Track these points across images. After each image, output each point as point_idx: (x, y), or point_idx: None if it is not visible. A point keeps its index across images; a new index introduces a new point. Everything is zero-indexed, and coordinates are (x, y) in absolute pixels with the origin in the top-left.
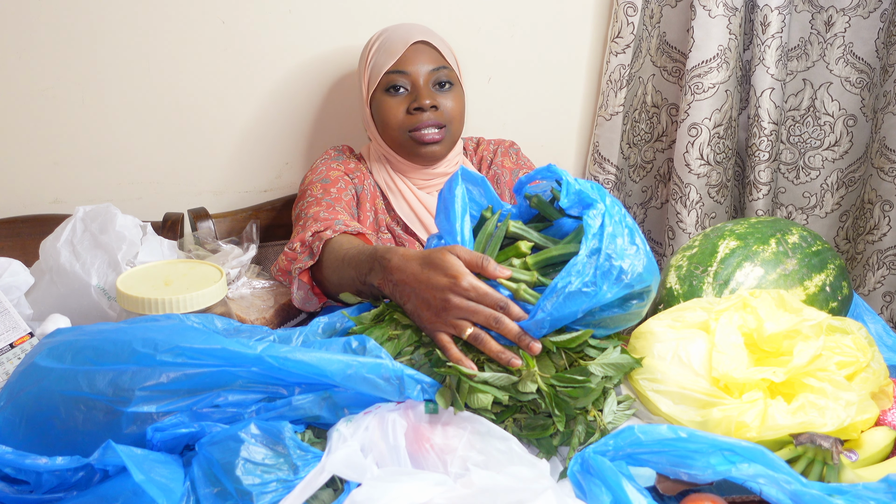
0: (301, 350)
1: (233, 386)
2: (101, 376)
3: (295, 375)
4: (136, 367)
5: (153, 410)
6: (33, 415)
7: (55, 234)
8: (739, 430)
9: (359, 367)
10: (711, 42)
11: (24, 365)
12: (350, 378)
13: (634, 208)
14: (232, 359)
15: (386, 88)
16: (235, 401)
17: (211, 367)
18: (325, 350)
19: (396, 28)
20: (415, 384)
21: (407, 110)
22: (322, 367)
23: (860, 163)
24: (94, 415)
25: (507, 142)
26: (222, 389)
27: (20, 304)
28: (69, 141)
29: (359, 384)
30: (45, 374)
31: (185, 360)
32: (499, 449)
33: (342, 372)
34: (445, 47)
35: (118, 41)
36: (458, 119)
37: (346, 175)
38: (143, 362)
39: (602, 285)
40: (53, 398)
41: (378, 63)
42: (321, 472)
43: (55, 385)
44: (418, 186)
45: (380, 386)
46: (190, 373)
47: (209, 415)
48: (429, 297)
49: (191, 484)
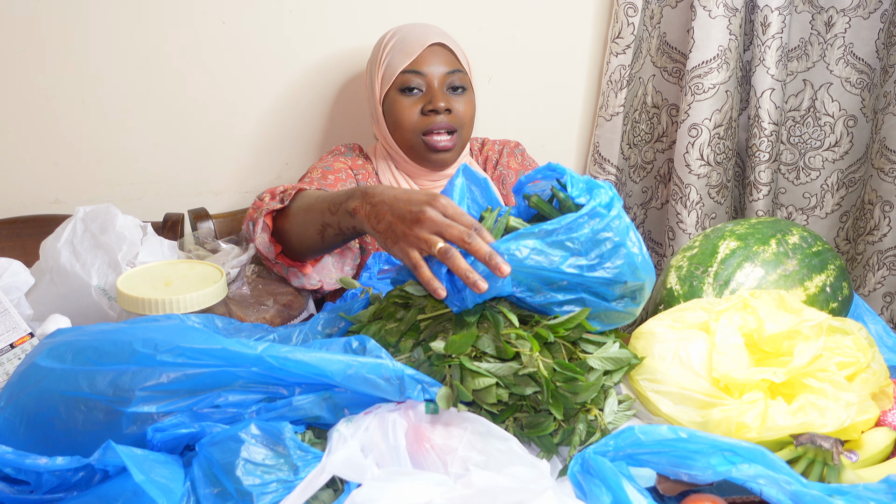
0: (301, 350)
1: (233, 386)
2: (101, 376)
3: (295, 375)
4: (137, 368)
5: (153, 411)
6: (34, 415)
7: (55, 234)
8: (740, 431)
9: (359, 367)
10: (712, 42)
11: (24, 365)
12: (350, 378)
13: (635, 209)
14: (232, 359)
15: (400, 88)
16: (236, 401)
17: (211, 367)
18: (326, 350)
19: (412, 28)
20: (415, 384)
21: (421, 111)
22: (322, 368)
23: (860, 163)
24: (94, 415)
25: (512, 142)
26: (222, 389)
27: (20, 304)
28: (69, 141)
29: (359, 384)
30: (46, 374)
31: (186, 360)
32: (499, 449)
33: (342, 372)
34: (460, 51)
35: (118, 41)
36: (469, 123)
37: (350, 169)
38: (144, 362)
39: (591, 252)
40: (54, 398)
41: (393, 62)
42: (321, 472)
43: (55, 385)
44: (423, 188)
45: (380, 386)
46: (190, 373)
47: (209, 415)
48: (404, 210)
49: (191, 484)
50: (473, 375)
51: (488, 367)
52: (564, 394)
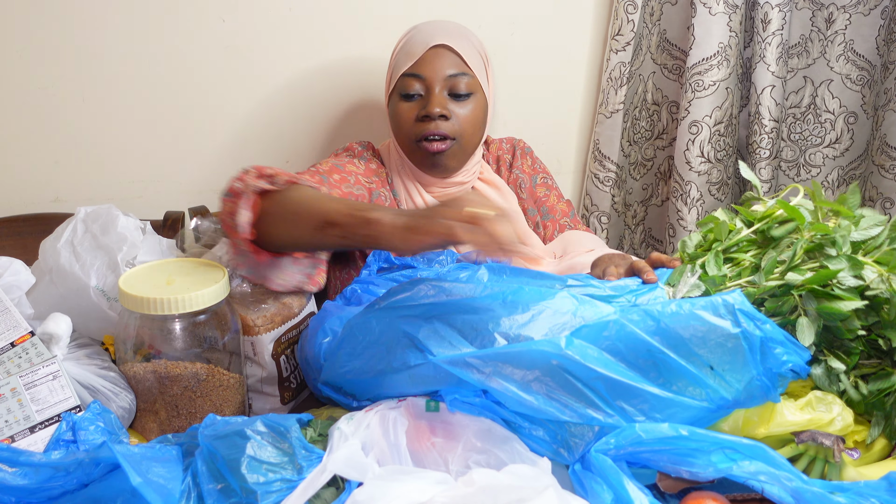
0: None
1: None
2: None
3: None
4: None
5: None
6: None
7: (55, 234)
8: (747, 427)
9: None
10: (712, 39)
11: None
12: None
13: (635, 206)
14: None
15: (401, 92)
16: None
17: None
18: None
19: (424, 26)
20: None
21: (417, 117)
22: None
23: (861, 160)
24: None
25: (520, 142)
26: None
27: (21, 303)
28: (69, 140)
29: None
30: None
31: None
32: (500, 447)
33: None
34: (472, 52)
35: (118, 40)
36: (470, 132)
37: (363, 176)
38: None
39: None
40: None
41: (397, 64)
42: (323, 471)
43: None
44: (435, 196)
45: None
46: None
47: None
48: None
49: (192, 479)
50: (831, 300)
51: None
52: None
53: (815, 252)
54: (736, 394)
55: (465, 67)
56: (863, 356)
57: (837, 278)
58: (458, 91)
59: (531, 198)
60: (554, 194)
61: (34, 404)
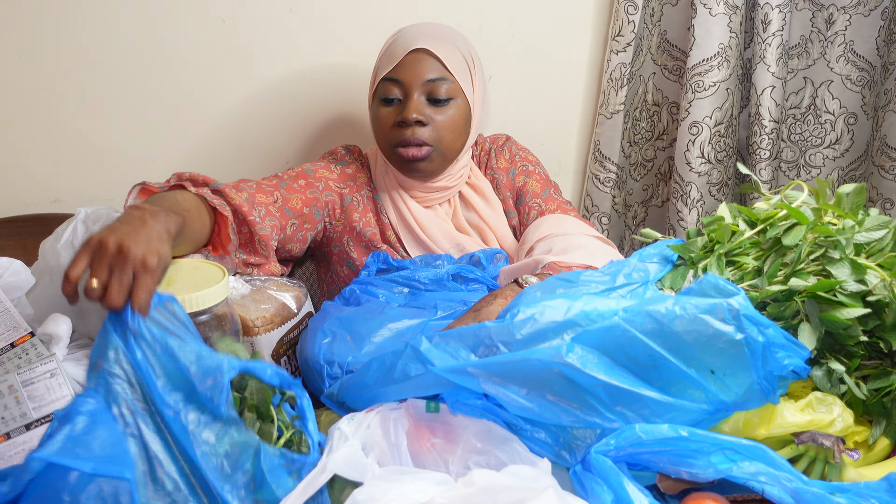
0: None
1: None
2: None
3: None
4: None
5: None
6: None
7: (55, 234)
8: (747, 428)
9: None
10: (712, 40)
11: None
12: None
13: (635, 207)
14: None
15: (381, 97)
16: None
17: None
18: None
19: (409, 29)
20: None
21: (395, 122)
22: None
23: (861, 161)
24: None
25: (500, 139)
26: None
27: (21, 303)
28: (69, 140)
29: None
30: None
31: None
32: (500, 448)
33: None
34: (454, 56)
35: (118, 41)
36: (450, 138)
37: (335, 182)
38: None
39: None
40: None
41: (379, 68)
42: (322, 471)
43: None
44: (417, 200)
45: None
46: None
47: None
48: None
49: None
50: (834, 307)
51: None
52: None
53: (817, 252)
54: (735, 397)
55: (445, 72)
56: (863, 358)
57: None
58: (437, 96)
59: (512, 194)
60: (533, 178)
61: (31, 402)
